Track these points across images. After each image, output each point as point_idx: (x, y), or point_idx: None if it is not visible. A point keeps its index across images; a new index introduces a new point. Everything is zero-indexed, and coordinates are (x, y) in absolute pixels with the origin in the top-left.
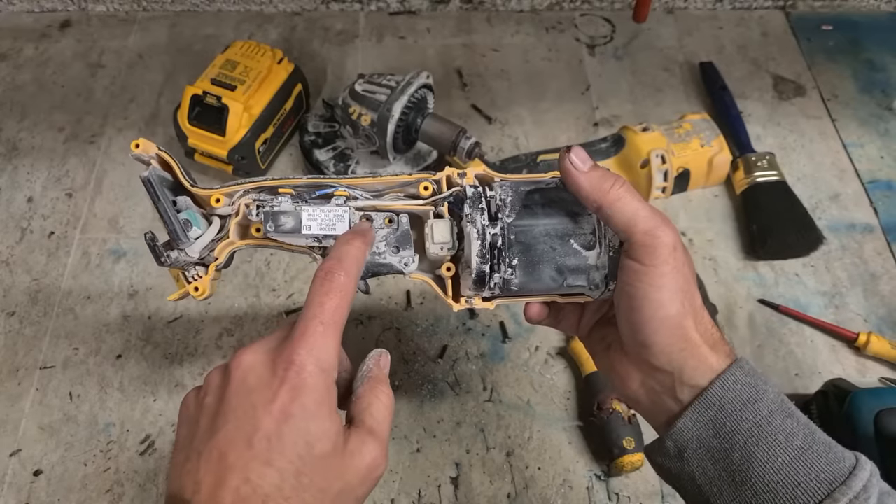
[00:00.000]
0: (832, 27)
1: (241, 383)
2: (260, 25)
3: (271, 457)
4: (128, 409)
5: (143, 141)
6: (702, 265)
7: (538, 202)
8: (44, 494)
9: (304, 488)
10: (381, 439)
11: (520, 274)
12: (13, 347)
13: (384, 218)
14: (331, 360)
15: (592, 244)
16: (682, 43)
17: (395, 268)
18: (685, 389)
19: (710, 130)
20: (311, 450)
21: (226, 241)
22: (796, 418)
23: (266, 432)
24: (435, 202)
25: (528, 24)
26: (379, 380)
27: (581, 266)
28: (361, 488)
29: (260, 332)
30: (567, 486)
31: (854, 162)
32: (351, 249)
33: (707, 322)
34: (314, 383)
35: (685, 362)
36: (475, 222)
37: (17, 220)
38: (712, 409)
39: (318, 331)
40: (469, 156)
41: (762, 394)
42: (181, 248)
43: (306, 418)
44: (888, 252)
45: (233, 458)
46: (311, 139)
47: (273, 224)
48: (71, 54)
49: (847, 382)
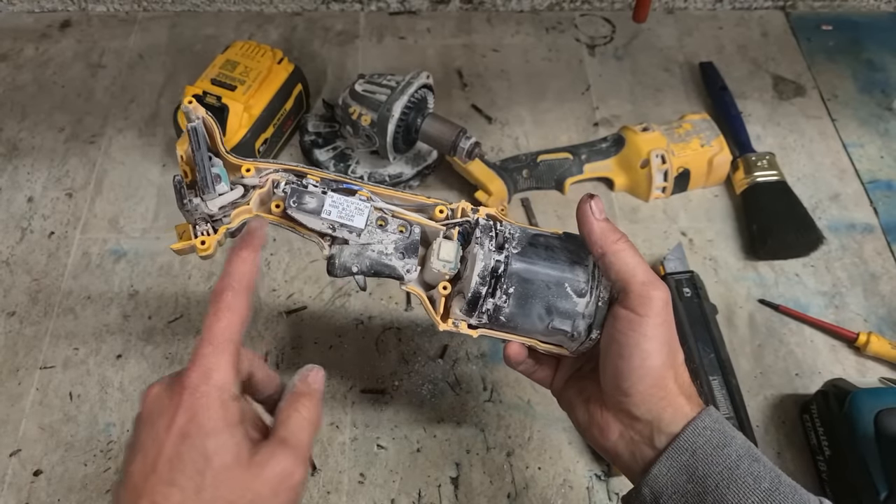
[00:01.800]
0: (832, 27)
1: (147, 414)
2: (260, 26)
3: (173, 476)
4: (128, 409)
5: (195, 101)
6: (702, 265)
7: (542, 245)
8: (44, 494)
9: (208, 502)
10: (294, 448)
11: (512, 304)
12: (13, 347)
13: (398, 225)
14: (225, 377)
15: (584, 292)
16: (682, 43)
17: (397, 272)
18: (662, 437)
19: (710, 130)
20: (210, 464)
21: (244, 208)
22: (762, 462)
23: (167, 455)
24: (447, 225)
25: (528, 24)
26: (301, 394)
27: (570, 311)
28: (276, 499)
29: (260, 332)
30: (567, 486)
31: (854, 162)
32: (238, 264)
33: (685, 376)
34: (207, 402)
35: (663, 411)
36: (483, 245)
37: (17, 220)
38: (685, 455)
39: (208, 351)
40: (469, 156)
41: (730, 439)
42: (205, 197)
43: (202, 436)
44: (888, 252)
45: (141, 484)
46: (311, 139)
47: (297, 200)
48: (71, 54)
49: (847, 382)
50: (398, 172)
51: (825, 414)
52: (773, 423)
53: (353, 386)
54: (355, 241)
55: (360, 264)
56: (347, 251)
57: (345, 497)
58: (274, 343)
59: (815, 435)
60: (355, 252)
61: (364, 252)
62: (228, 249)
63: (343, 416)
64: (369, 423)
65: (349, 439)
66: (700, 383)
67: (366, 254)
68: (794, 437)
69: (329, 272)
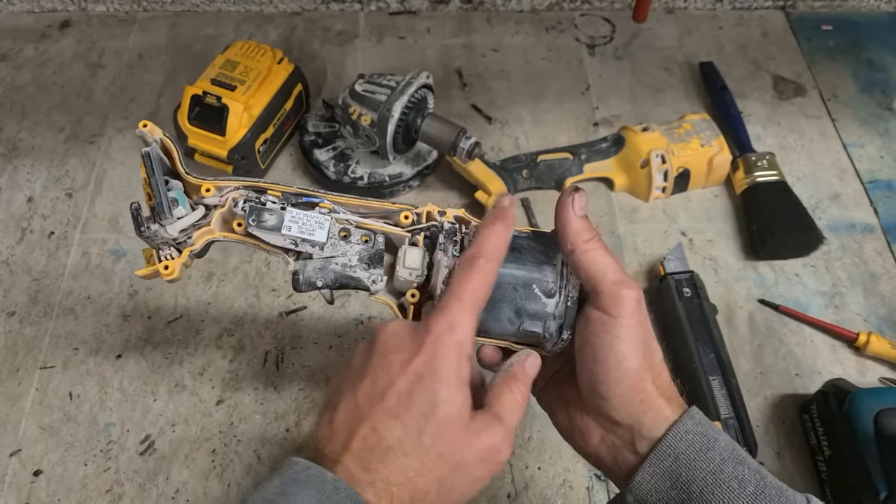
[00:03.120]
0: (832, 27)
1: (382, 345)
2: (260, 25)
3: (398, 411)
4: (128, 409)
5: (150, 124)
6: (702, 265)
7: (509, 246)
8: (44, 494)
9: (424, 449)
10: (506, 426)
11: None
12: (13, 347)
13: (362, 235)
14: (466, 334)
15: (553, 292)
16: (682, 43)
17: (363, 283)
18: (644, 442)
19: (710, 130)
20: (436, 411)
21: (205, 229)
22: (747, 464)
23: (397, 388)
24: (412, 231)
25: (528, 24)
26: (517, 377)
27: (539, 312)
28: (480, 468)
29: (260, 332)
30: (567, 486)
31: (854, 162)
32: (491, 237)
33: (665, 378)
34: (446, 352)
35: (644, 415)
36: (447, 251)
37: (17, 220)
38: (668, 460)
39: (456, 306)
40: (469, 156)
41: (713, 442)
42: (163, 223)
43: (436, 381)
44: (888, 252)
45: (366, 409)
46: (311, 139)
47: (256, 219)
48: (71, 54)
49: (847, 382)
50: (398, 172)
51: (825, 414)
52: (773, 423)
53: None
54: (319, 255)
55: (324, 278)
56: (311, 266)
57: None
58: (274, 343)
59: (815, 435)
60: (318, 266)
61: (328, 266)
62: None
63: None
64: None
65: None
66: (700, 384)
67: (329, 267)
68: (794, 437)
69: (294, 288)
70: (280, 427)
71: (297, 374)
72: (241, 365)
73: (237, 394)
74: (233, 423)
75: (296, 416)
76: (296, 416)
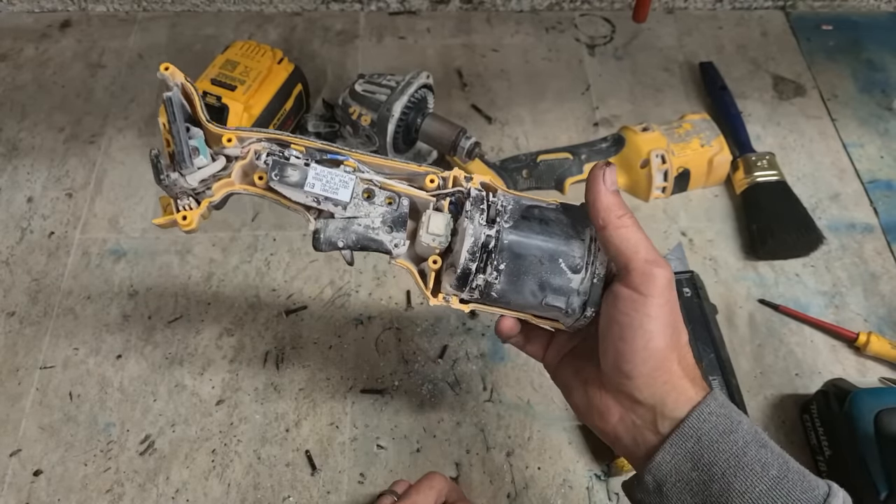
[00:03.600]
0: (832, 27)
1: None
2: (260, 25)
3: None
4: (128, 409)
5: (172, 67)
6: (702, 265)
7: (537, 217)
8: (44, 494)
9: None
10: None
11: (503, 280)
12: (13, 347)
13: (386, 197)
14: None
15: (579, 268)
16: (682, 43)
17: (385, 246)
18: (666, 422)
19: (710, 130)
20: None
21: (225, 181)
22: (770, 448)
23: None
24: (437, 196)
25: (527, 24)
26: None
27: (563, 287)
28: None
29: (260, 332)
30: (567, 486)
31: (854, 162)
32: None
33: (690, 359)
34: None
35: (667, 395)
36: (473, 219)
37: (17, 220)
38: (690, 441)
39: None
40: (469, 156)
41: (737, 425)
42: (183, 172)
43: None
44: (888, 252)
45: None
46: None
47: (279, 174)
48: (71, 54)
49: (847, 382)
50: None
51: (825, 414)
52: (773, 423)
53: (353, 386)
54: (341, 214)
55: (345, 239)
56: (333, 225)
57: (345, 497)
58: (274, 343)
59: (815, 435)
60: (341, 226)
61: (350, 226)
62: None
63: (343, 416)
64: (369, 423)
65: (349, 439)
66: None
67: (352, 228)
68: (794, 437)
69: (314, 246)
70: (280, 427)
71: (297, 374)
72: (241, 365)
73: (237, 394)
74: (233, 423)
75: (296, 416)
76: (296, 416)
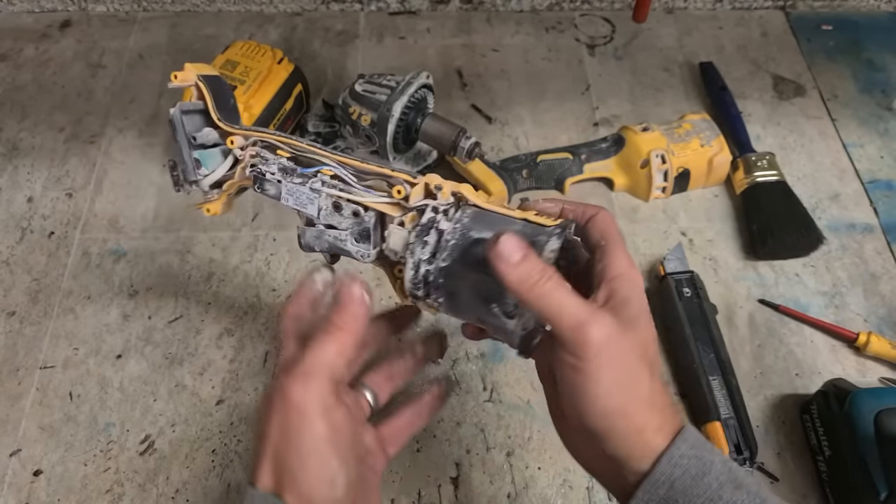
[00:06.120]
0: (832, 27)
1: None
2: (260, 25)
3: None
4: (128, 409)
5: (186, 70)
6: (702, 265)
7: (473, 258)
8: (44, 494)
9: None
10: None
11: (446, 307)
12: (13, 347)
13: (352, 210)
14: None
15: (513, 315)
16: (682, 43)
17: (353, 255)
18: (632, 475)
19: (710, 130)
20: None
21: (231, 182)
22: (745, 488)
23: None
24: (404, 209)
25: (528, 24)
26: None
27: (501, 327)
28: None
29: (260, 333)
30: (567, 486)
31: (854, 162)
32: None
33: (660, 399)
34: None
35: (632, 448)
36: (414, 253)
37: (17, 220)
38: (662, 488)
39: (310, 372)
40: (469, 156)
41: (709, 465)
42: (190, 182)
43: None
44: (888, 252)
45: None
46: (311, 139)
47: (260, 186)
48: (71, 54)
49: (847, 382)
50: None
51: (825, 414)
52: (773, 423)
53: None
54: (318, 221)
55: (320, 245)
56: (310, 232)
57: None
58: (274, 343)
59: (815, 435)
60: (316, 234)
61: (323, 235)
62: None
63: None
64: None
65: None
66: (700, 384)
67: (324, 237)
68: (794, 437)
69: (299, 246)
70: None
71: None
72: (241, 365)
73: (237, 394)
74: (233, 423)
75: None
76: None
